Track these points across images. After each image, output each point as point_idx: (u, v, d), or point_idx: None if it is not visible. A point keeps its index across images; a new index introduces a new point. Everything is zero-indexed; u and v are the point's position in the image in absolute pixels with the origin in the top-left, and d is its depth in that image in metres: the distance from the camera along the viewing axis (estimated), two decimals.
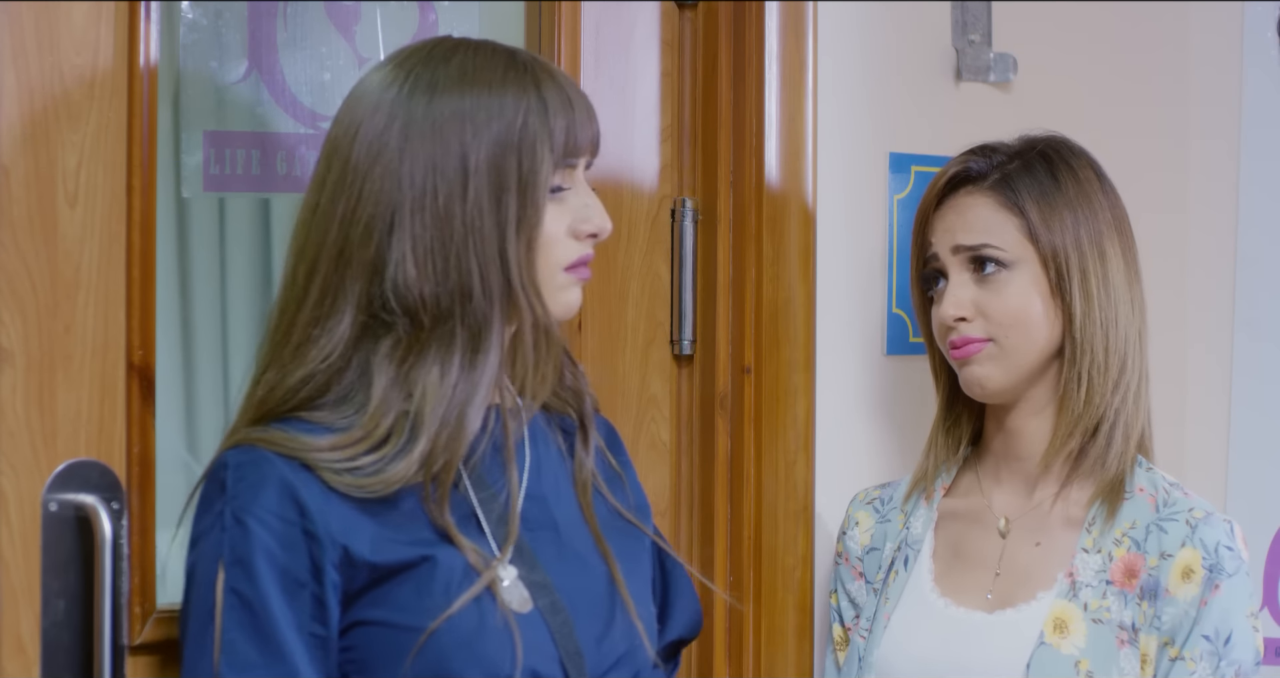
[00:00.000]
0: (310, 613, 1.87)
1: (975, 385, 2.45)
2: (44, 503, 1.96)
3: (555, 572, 1.99)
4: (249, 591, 1.85)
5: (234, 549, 1.86)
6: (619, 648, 2.00)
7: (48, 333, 1.97)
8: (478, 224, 1.91)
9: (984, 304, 2.44)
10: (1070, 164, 2.48)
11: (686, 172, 2.65)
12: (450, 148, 1.91)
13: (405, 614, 1.89)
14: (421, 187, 1.91)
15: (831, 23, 2.68)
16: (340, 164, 1.93)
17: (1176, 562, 2.38)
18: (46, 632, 1.96)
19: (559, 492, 2.05)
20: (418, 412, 1.91)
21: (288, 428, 1.91)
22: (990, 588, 2.45)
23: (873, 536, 2.56)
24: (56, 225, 1.98)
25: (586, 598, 2.00)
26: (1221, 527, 2.40)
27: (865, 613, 2.53)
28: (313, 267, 1.93)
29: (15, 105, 1.95)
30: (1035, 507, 2.48)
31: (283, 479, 1.88)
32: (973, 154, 2.50)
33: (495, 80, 1.93)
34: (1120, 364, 2.44)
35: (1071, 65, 2.96)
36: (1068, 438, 2.43)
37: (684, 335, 2.64)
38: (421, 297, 1.91)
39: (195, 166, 2.33)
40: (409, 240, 1.90)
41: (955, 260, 2.46)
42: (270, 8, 2.36)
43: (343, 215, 1.92)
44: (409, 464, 1.90)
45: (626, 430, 2.59)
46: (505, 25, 2.54)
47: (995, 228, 2.45)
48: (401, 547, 1.91)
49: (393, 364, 1.92)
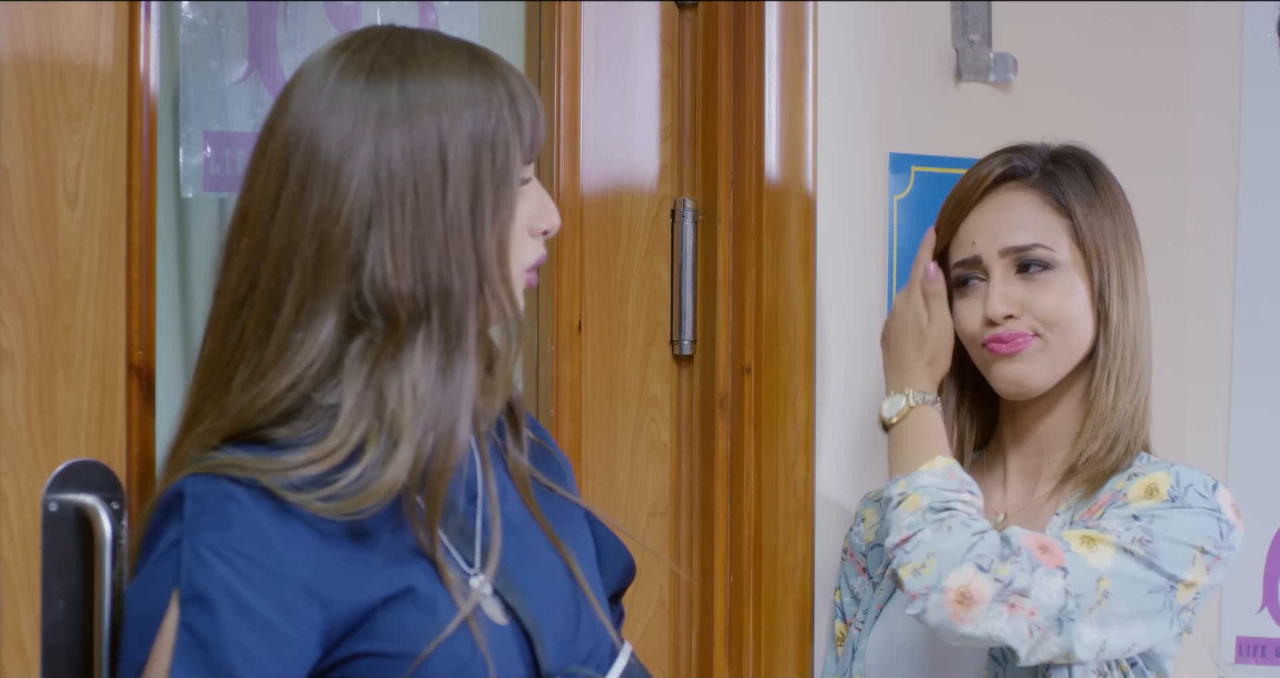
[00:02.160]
0: (276, 652, 1.77)
1: (1014, 383, 2.44)
2: (44, 503, 1.96)
3: (521, 578, 1.93)
4: (206, 630, 1.75)
5: (192, 585, 1.76)
6: (586, 645, 1.97)
7: (48, 333, 1.97)
8: (457, 220, 1.85)
9: (1030, 302, 2.44)
10: (1103, 173, 2.50)
11: (686, 172, 2.65)
12: (428, 139, 1.84)
13: (397, 642, 1.82)
14: (401, 182, 1.84)
15: (831, 23, 2.68)
16: (305, 158, 1.84)
17: (1143, 480, 2.37)
18: (46, 632, 1.95)
19: (505, 492, 1.98)
20: (393, 416, 1.83)
21: (250, 452, 1.83)
22: None
23: (877, 532, 2.57)
24: (56, 225, 1.97)
25: (553, 600, 1.96)
26: (1202, 477, 2.38)
27: (863, 606, 2.54)
28: (279, 265, 1.84)
29: (15, 105, 1.95)
30: (1034, 503, 2.49)
31: (249, 516, 1.79)
32: (1013, 152, 2.50)
33: (462, 71, 1.87)
34: (1141, 372, 2.45)
35: (1071, 65, 2.96)
36: (1090, 440, 2.44)
37: (684, 336, 2.64)
38: (400, 295, 1.83)
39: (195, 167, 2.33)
40: (388, 237, 1.83)
41: (1002, 262, 2.45)
42: (270, 8, 2.36)
43: (318, 213, 1.83)
44: (395, 475, 1.82)
45: (626, 430, 2.59)
46: (505, 25, 2.54)
47: (1044, 228, 2.45)
48: (376, 580, 1.83)
49: (364, 366, 1.84)
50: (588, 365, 2.55)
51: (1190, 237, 3.12)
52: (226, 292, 1.88)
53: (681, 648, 2.64)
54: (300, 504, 1.81)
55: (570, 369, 2.53)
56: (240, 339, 1.86)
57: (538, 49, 2.52)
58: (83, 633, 1.97)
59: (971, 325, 2.47)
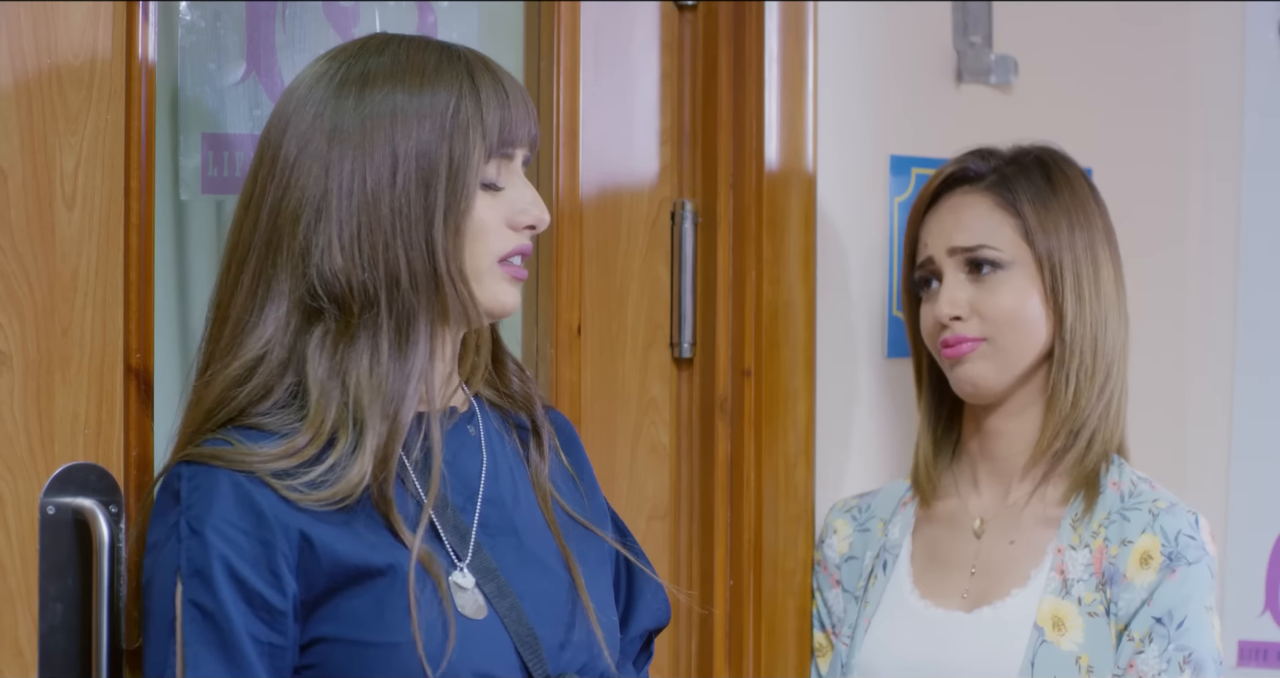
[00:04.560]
0: (268, 623, 1.85)
1: (967, 385, 2.46)
2: (42, 506, 1.96)
3: (516, 578, 1.96)
4: (209, 602, 1.83)
5: (191, 561, 1.84)
6: (579, 657, 1.98)
7: (45, 336, 1.96)
8: (405, 211, 1.90)
9: (979, 304, 2.45)
10: (1065, 173, 2.50)
11: (686, 174, 2.65)
12: (378, 138, 1.90)
13: (364, 630, 1.87)
14: (350, 173, 1.89)
15: (831, 24, 2.68)
16: (270, 157, 1.93)
17: (1135, 548, 2.40)
18: (44, 636, 1.95)
19: (518, 496, 2.02)
20: (356, 402, 1.89)
21: (234, 435, 1.89)
22: (966, 588, 2.47)
23: (851, 544, 2.58)
24: (54, 228, 1.97)
25: (548, 604, 1.97)
26: (1184, 517, 2.41)
27: (846, 621, 2.55)
28: (244, 258, 1.92)
29: (13, 107, 1.95)
30: (1010, 506, 2.50)
31: (237, 487, 1.85)
32: (969, 156, 2.53)
33: (429, 70, 1.92)
34: (1106, 370, 2.46)
35: (1073, 66, 2.96)
36: (1053, 439, 2.46)
37: (684, 338, 2.64)
38: (349, 283, 1.89)
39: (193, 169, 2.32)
40: (335, 226, 1.89)
41: (951, 262, 2.47)
42: (269, 9, 2.36)
43: (271, 205, 1.91)
44: (363, 464, 1.88)
45: (626, 434, 2.59)
46: (505, 26, 2.53)
47: (992, 228, 2.47)
48: (366, 551, 1.89)
49: (324, 353, 1.90)
50: (587, 368, 2.54)
51: (1191, 236, 3.12)
52: (216, 290, 1.96)
53: (681, 652, 2.64)
54: (279, 490, 1.87)
55: (569, 372, 2.52)
56: (217, 330, 1.94)
57: (537, 50, 2.52)
58: (80, 636, 1.96)
59: (927, 329, 2.49)
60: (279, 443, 1.88)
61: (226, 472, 1.86)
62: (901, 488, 2.60)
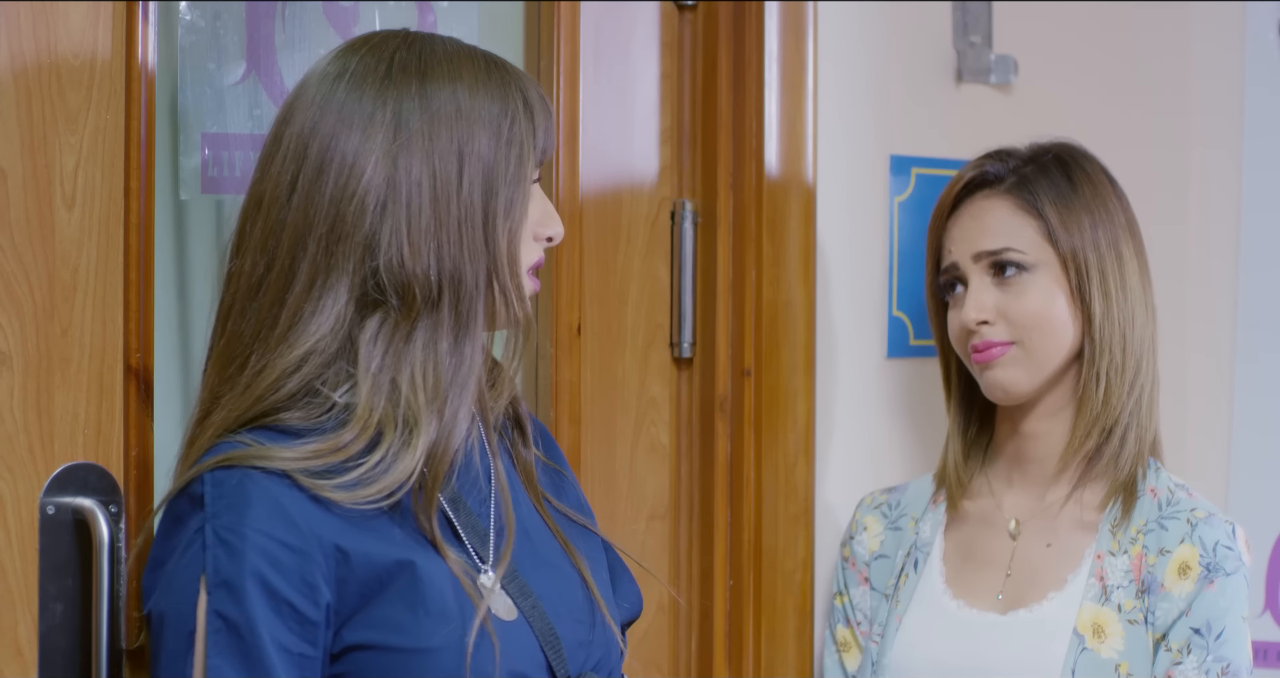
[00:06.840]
0: (298, 633, 1.80)
1: (998, 389, 2.45)
2: (42, 506, 1.96)
3: (534, 579, 1.96)
4: (237, 615, 1.78)
5: (219, 570, 1.79)
6: (598, 652, 1.98)
7: (45, 336, 1.96)
8: (470, 212, 1.89)
9: (1006, 307, 2.45)
10: (1085, 169, 2.49)
11: (686, 173, 2.65)
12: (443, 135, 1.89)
13: (399, 635, 1.84)
14: (419, 167, 1.88)
15: (832, 23, 2.68)
16: (324, 141, 1.88)
17: (1174, 558, 2.39)
18: (44, 636, 1.95)
19: (516, 496, 2.02)
20: (408, 403, 1.87)
21: (258, 436, 1.85)
22: (1001, 589, 2.46)
23: (882, 542, 2.56)
24: (54, 227, 1.97)
25: (565, 603, 1.97)
26: (1223, 527, 2.40)
27: (876, 619, 2.53)
28: (297, 245, 1.88)
29: (13, 107, 1.95)
30: (1046, 508, 2.48)
31: (269, 494, 1.82)
32: (987, 158, 2.51)
33: (481, 74, 1.92)
34: (1136, 366, 2.45)
35: (1073, 67, 2.96)
36: (1085, 439, 2.45)
37: (684, 338, 2.64)
38: (415, 276, 1.87)
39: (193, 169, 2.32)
40: (405, 221, 1.88)
41: (976, 267, 2.46)
42: (269, 9, 2.36)
43: (334, 192, 1.87)
44: (410, 462, 1.86)
45: (626, 433, 2.59)
46: (505, 26, 2.53)
47: (1015, 231, 2.46)
48: (386, 548, 1.85)
49: (378, 349, 1.87)
50: (587, 368, 2.54)
51: (1192, 236, 3.12)
52: (240, 276, 1.91)
53: (681, 652, 2.64)
54: (314, 490, 1.83)
55: (569, 372, 2.52)
56: (257, 320, 1.89)
57: (537, 50, 2.52)
58: (80, 637, 1.96)
59: (955, 334, 2.49)
60: (310, 442, 1.85)
61: (254, 478, 1.82)
62: (928, 484, 2.59)
